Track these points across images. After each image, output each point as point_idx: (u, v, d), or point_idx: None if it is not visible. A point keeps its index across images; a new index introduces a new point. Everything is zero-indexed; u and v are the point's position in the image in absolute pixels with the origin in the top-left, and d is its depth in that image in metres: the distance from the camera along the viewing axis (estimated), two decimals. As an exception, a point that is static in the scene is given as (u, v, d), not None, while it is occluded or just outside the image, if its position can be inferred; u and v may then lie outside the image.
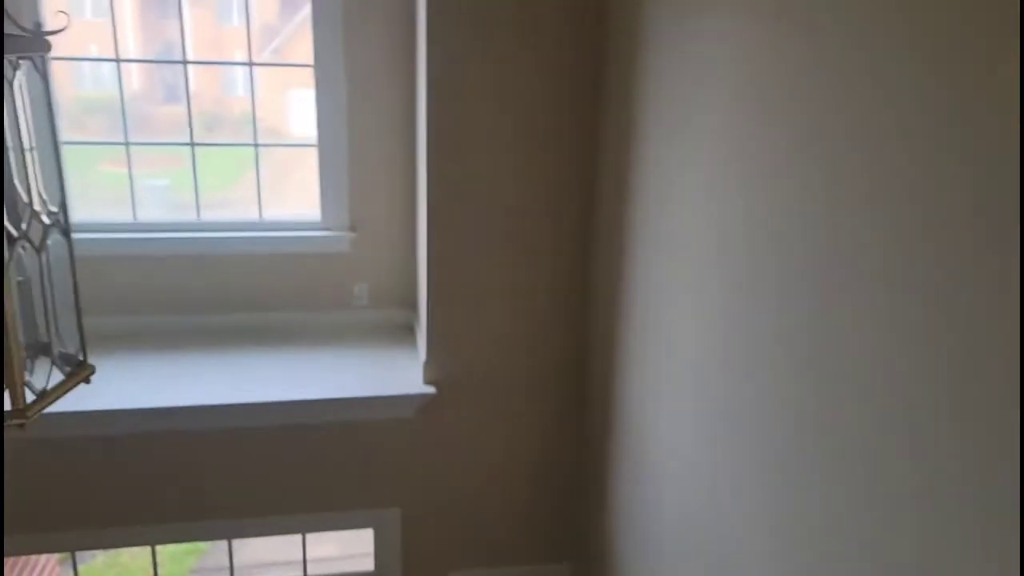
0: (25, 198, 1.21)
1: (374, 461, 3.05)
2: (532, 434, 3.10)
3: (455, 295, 2.88)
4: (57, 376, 1.30)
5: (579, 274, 2.93)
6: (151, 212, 3.27)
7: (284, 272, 3.32)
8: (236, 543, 3.82)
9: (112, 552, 5.94)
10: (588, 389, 3.03)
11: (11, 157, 1.19)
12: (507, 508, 3.18)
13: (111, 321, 3.21)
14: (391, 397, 2.91)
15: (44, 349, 1.28)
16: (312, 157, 3.24)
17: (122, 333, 3.22)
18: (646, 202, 2.32)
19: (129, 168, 3.16)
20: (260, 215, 3.30)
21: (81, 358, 1.37)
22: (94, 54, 3.20)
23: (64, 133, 3.14)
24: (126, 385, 2.86)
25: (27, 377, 1.22)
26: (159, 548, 3.21)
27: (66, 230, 1.28)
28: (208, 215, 3.27)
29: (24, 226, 1.21)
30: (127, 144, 3.12)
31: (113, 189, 3.26)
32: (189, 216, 3.25)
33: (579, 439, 3.12)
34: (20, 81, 1.18)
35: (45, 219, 1.24)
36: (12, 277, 1.14)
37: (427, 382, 2.96)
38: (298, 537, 3.20)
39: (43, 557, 3.68)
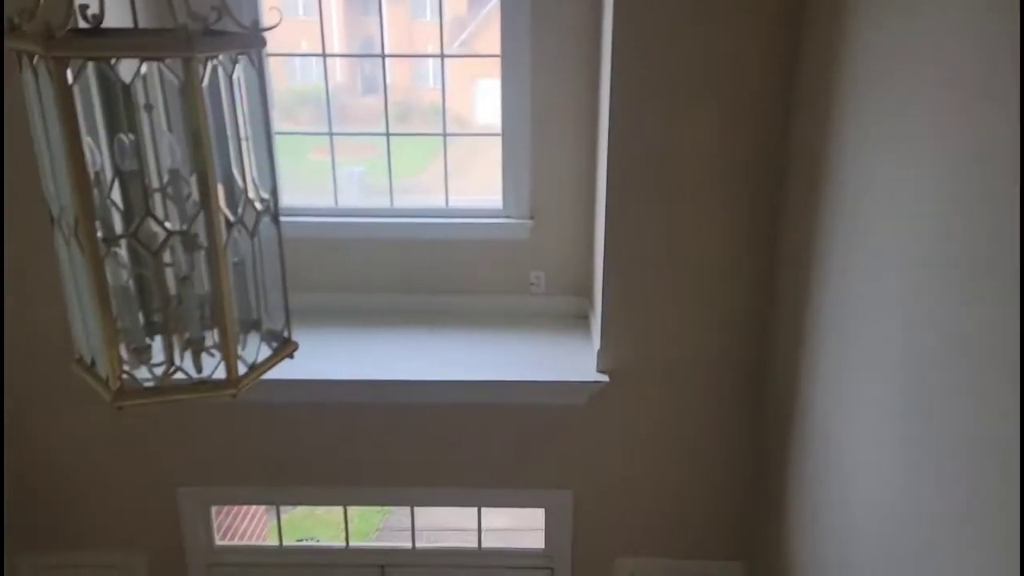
0: (241, 185, 1.35)
1: (547, 444, 3.11)
2: (707, 430, 3.03)
3: (632, 286, 2.86)
4: (265, 351, 1.44)
5: (765, 273, 2.82)
6: (349, 197, 3.51)
7: (466, 257, 3.44)
8: (418, 508, 4.09)
9: (305, 507, 6.47)
10: (768, 389, 2.91)
11: (231, 147, 1.33)
12: (680, 501, 3.14)
13: (310, 298, 3.49)
14: (565, 383, 2.95)
15: (255, 325, 1.42)
16: (495, 146, 3.33)
17: (320, 310, 3.48)
18: (841, 197, 2.19)
19: (332, 156, 3.40)
20: (446, 202, 3.45)
21: (286, 335, 1.50)
22: (304, 49, 3.48)
23: (276, 124, 3.44)
24: (324, 358, 3.10)
25: (239, 351, 1.36)
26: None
27: (276, 215, 1.41)
28: (399, 201, 3.46)
29: (240, 211, 1.34)
30: (331, 134, 3.36)
31: (318, 176, 3.53)
32: (383, 202, 3.45)
33: (756, 439, 3.01)
34: (238, 75, 1.29)
35: (258, 205, 1.37)
36: (228, 258, 1.28)
37: (600, 370, 2.97)
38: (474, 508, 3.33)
39: (248, 509, 4.09)
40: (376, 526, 6.57)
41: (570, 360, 3.06)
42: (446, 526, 5.28)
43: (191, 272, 1.33)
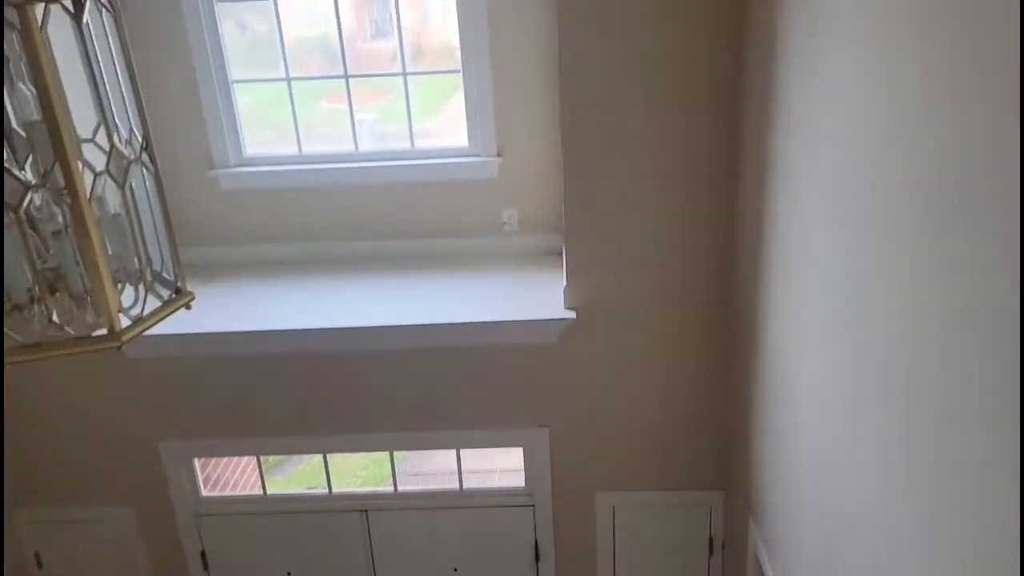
0: (106, 134, 1.30)
1: (521, 383, 3.09)
2: (678, 364, 2.99)
3: (595, 224, 2.80)
4: (155, 303, 1.41)
5: (725, 204, 2.74)
6: (364, 143, 3.42)
7: (435, 199, 3.39)
8: (428, 454, 4.12)
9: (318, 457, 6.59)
10: (734, 321, 2.85)
11: (93, 94, 1.28)
12: (656, 435, 3.11)
13: (284, 248, 3.47)
14: (532, 322, 2.92)
15: (141, 277, 1.39)
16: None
17: (293, 259, 3.47)
18: (786, 148, 2.09)
19: (292, 104, 3.33)
20: (412, 144, 3.38)
21: (179, 285, 1.47)
22: None
23: (289, 71, 3.32)
24: (295, 308, 3.09)
25: (123, 304, 1.33)
26: (366, 454, 3.46)
27: (152, 163, 1.36)
28: (383, 145, 3.39)
29: (106, 161, 1.30)
30: (289, 79, 3.29)
31: (332, 124, 3.46)
32: (396, 145, 3.39)
33: (725, 371, 2.96)
34: (86, 19, 1.24)
35: (127, 153, 1.32)
36: (92, 210, 1.24)
37: (568, 307, 2.93)
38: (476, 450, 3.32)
39: (240, 460, 4.16)
40: (387, 474, 6.70)
41: (539, 299, 3.02)
42: (457, 468, 5.36)
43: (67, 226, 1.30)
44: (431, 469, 6.66)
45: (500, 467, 4.06)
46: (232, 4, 3.26)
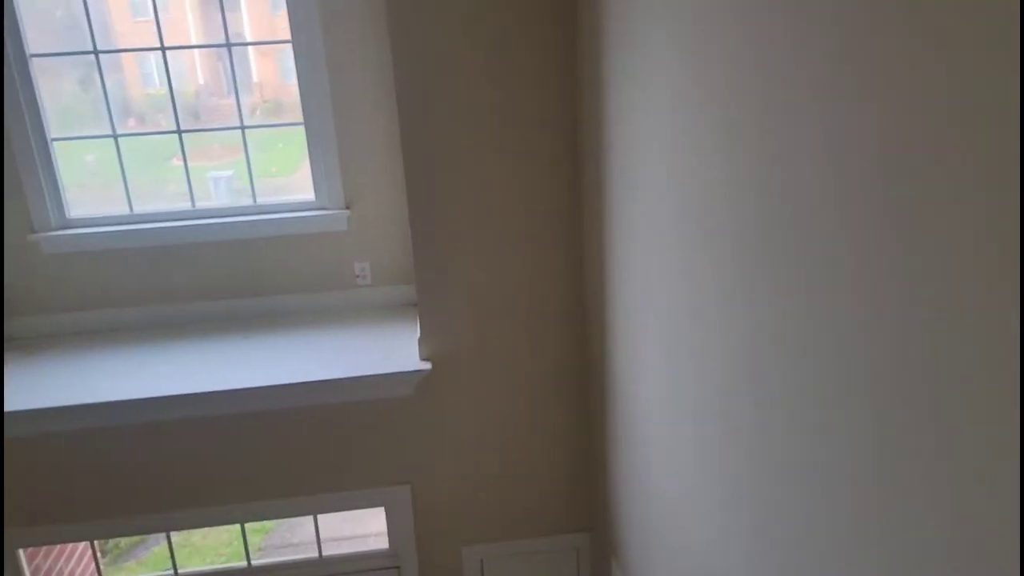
0: None
1: (380, 440, 3.00)
2: (536, 407, 2.99)
3: (445, 272, 2.78)
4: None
5: (572, 249, 2.79)
6: (218, 200, 3.28)
7: (285, 255, 3.28)
8: (296, 523, 3.87)
9: (183, 534, 6.13)
10: (587, 360, 2.89)
11: None
12: (519, 482, 3.09)
13: (118, 314, 3.25)
14: (387, 375, 2.84)
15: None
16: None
17: (128, 325, 3.25)
18: (623, 166, 2.16)
19: (119, 161, 3.15)
20: (254, 199, 3.26)
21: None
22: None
23: (130, 127, 3.25)
24: (130, 374, 2.88)
25: None
26: (230, 528, 3.24)
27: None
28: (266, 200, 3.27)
29: None
30: (115, 135, 3.12)
31: (179, 182, 3.28)
32: (186, 205, 3.24)
33: (583, 410, 3.00)
34: None
35: None
36: None
37: (423, 358, 2.88)
38: (360, 513, 3.17)
39: (78, 546, 3.80)
40: (258, 545, 6.33)
41: (394, 351, 2.95)
42: (329, 536, 5.12)
43: None
44: (300, 539, 6.34)
45: (374, 531, 3.91)
46: (61, 60, 3.07)
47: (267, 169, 3.41)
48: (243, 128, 3.18)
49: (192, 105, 3.70)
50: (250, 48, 3.43)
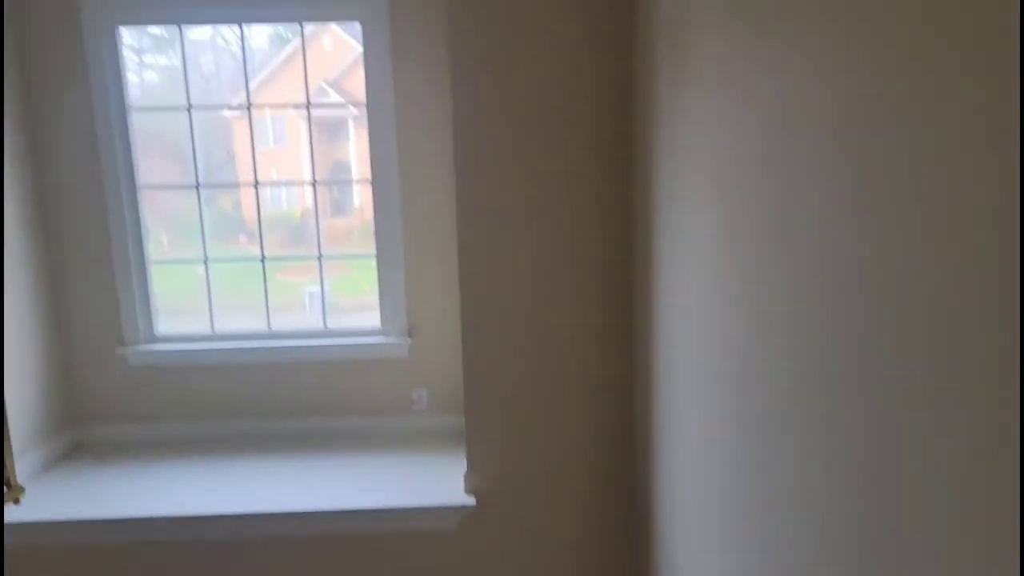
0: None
1: (419, 574, 2.95)
2: (583, 549, 2.89)
3: (494, 407, 2.80)
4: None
5: (624, 387, 2.77)
6: (312, 317, 3.50)
7: (348, 378, 3.39)
8: None
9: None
10: (634, 501, 2.80)
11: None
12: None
13: (190, 427, 3.40)
14: (429, 508, 2.83)
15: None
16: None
17: (201, 438, 3.39)
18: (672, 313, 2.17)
19: (207, 284, 3.39)
20: (324, 324, 3.42)
21: (10, 480, 1.43)
22: (274, 177, 3.58)
23: (245, 248, 3.57)
24: (190, 490, 2.98)
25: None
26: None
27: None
28: (341, 321, 3.46)
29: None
30: (206, 260, 3.37)
31: (286, 295, 3.57)
32: (263, 326, 3.42)
33: (629, 552, 2.87)
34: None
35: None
36: None
37: (468, 492, 2.86)
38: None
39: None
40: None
41: (440, 483, 2.95)
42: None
43: None
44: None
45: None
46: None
47: (358, 285, 3.56)
48: (320, 258, 3.37)
49: (298, 227, 3.98)
50: (354, 172, 3.71)
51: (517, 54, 2.55)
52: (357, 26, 3.17)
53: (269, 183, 3.45)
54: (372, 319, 3.41)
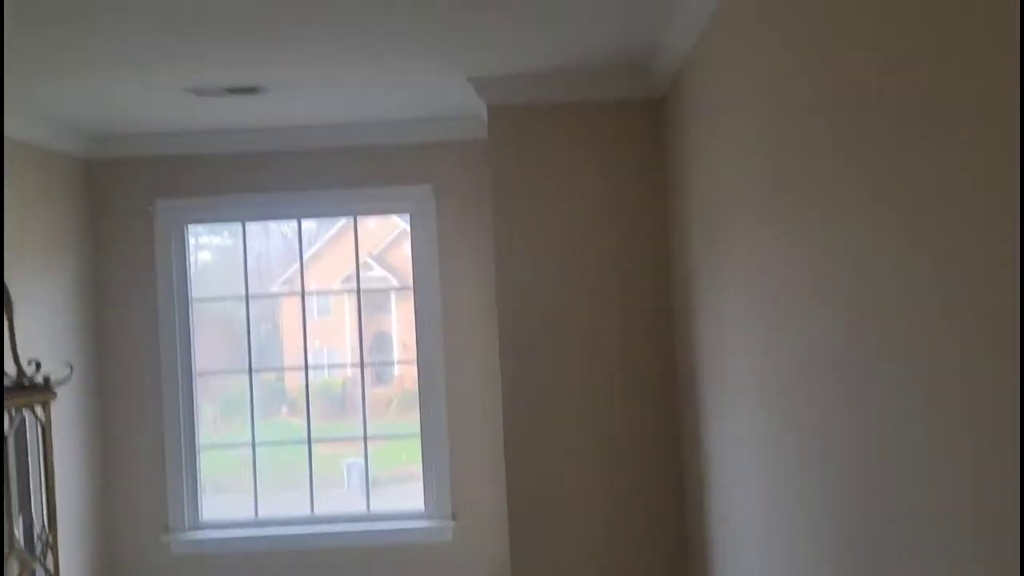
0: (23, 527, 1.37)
1: None
2: None
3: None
4: None
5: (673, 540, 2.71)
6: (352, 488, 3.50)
7: (392, 565, 3.31)
8: None
9: None
10: None
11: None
12: None
13: (229, 618, 3.31)
14: None
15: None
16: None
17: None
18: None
19: (254, 470, 3.42)
20: (368, 506, 3.40)
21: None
22: (318, 346, 3.74)
23: (287, 419, 3.66)
24: None
25: None
26: None
27: (53, 548, 1.41)
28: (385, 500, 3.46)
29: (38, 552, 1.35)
30: (254, 443, 3.42)
31: (324, 468, 3.62)
32: (305, 509, 3.40)
33: None
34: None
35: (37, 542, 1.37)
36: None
37: None
38: None
39: None
40: None
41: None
42: None
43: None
44: None
45: None
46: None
47: (397, 456, 3.56)
48: (365, 438, 3.42)
49: (338, 395, 4.06)
50: (395, 343, 3.83)
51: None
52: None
53: (317, 366, 3.55)
54: (412, 490, 3.39)
